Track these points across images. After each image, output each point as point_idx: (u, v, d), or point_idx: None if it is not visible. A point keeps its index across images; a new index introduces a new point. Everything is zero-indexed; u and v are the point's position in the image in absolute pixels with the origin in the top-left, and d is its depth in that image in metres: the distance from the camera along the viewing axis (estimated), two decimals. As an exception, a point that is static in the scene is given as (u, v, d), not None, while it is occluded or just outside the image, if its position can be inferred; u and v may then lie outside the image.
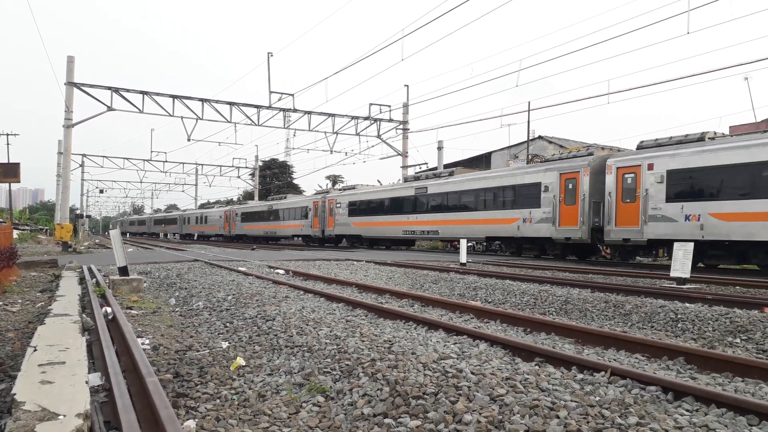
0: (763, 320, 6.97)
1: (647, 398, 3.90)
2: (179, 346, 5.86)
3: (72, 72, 27.15)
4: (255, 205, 46.89)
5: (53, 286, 10.90)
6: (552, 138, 39.86)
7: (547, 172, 19.89)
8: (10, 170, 23.05)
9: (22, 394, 3.31)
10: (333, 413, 3.78)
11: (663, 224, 16.17)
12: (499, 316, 7.75)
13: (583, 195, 18.66)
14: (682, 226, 15.65)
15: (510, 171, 23.12)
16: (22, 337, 6.20)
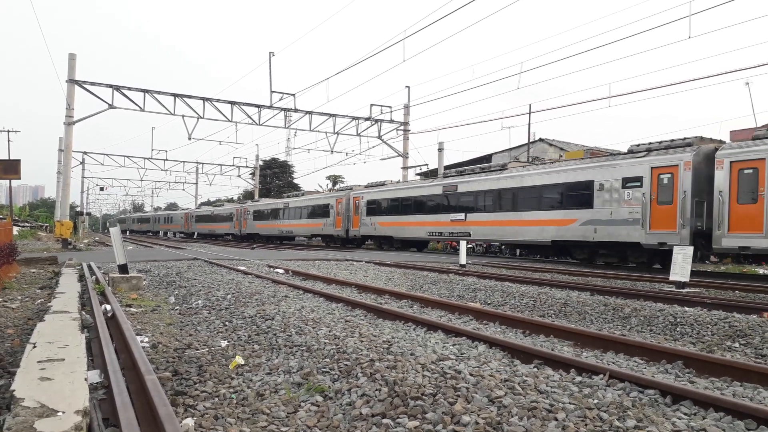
0: (762, 325, 6.98)
1: (645, 401, 3.90)
2: (178, 345, 5.86)
3: (73, 69, 27.16)
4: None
5: (53, 283, 10.90)
6: (553, 140, 39.88)
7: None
8: (10, 167, 23.07)
9: (21, 390, 3.31)
10: (331, 413, 3.79)
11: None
12: (498, 317, 7.75)
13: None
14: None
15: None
16: (22, 333, 6.20)
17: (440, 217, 24.93)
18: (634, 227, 16.90)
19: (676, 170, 15.98)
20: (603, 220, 17.87)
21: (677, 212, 15.84)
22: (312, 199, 37.19)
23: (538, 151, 37.38)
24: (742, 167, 14.56)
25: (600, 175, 18.13)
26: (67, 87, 27.03)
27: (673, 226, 15.97)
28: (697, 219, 15.61)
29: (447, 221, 24.49)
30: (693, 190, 15.58)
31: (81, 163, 55.92)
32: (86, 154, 54.29)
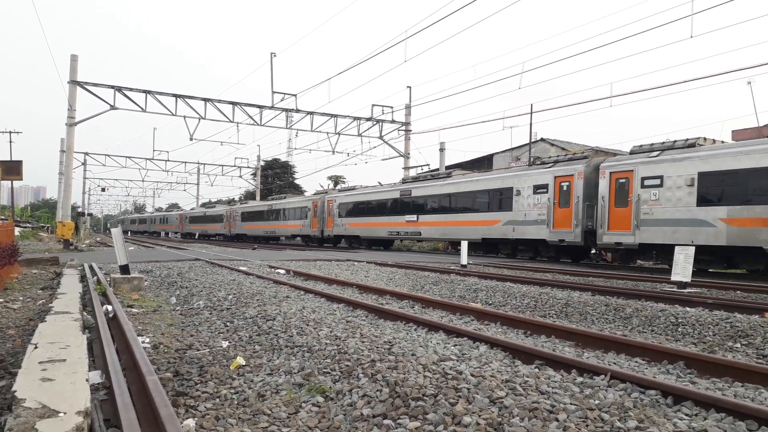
0: (763, 325, 6.97)
1: (647, 402, 3.90)
2: (179, 345, 5.87)
3: (75, 71, 27.21)
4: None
5: (54, 283, 10.91)
6: (554, 140, 39.84)
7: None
8: (12, 168, 23.09)
9: (22, 391, 3.32)
10: (332, 414, 3.79)
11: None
12: (499, 318, 7.75)
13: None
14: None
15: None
16: (23, 334, 6.21)
17: (398, 218, 28.08)
18: (542, 226, 20.05)
19: (572, 179, 19.12)
20: (519, 221, 21.01)
21: (572, 214, 18.95)
22: (292, 202, 40.07)
23: (539, 151, 37.35)
24: (618, 177, 17.59)
25: (518, 182, 21.28)
26: (69, 88, 27.08)
27: (569, 225, 19.01)
28: (587, 220, 18.58)
29: (403, 222, 27.61)
30: (584, 195, 18.67)
31: (83, 164, 55.98)
32: (88, 154, 54.36)
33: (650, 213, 16.64)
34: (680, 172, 16.04)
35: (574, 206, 18.94)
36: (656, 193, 16.56)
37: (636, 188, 17.01)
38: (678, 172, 16.09)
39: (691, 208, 15.69)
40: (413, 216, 26.91)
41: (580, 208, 18.74)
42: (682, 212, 15.90)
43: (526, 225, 20.80)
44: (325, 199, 35.29)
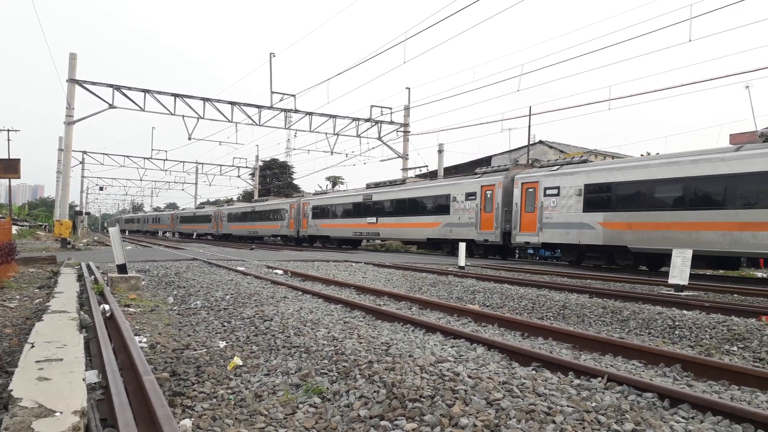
0: (760, 329, 6.98)
1: (643, 405, 3.90)
2: (176, 345, 5.86)
3: (74, 69, 27.16)
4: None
5: (51, 282, 10.90)
6: (552, 143, 39.88)
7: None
8: (10, 166, 23.05)
9: (19, 390, 3.31)
10: (329, 414, 3.79)
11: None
12: (496, 320, 7.75)
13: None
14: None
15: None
16: (20, 333, 6.20)
17: (361, 220, 31.30)
18: (472, 228, 23.43)
19: (494, 188, 22.42)
20: (455, 223, 24.28)
21: (494, 218, 22.30)
22: (272, 204, 43.48)
23: (538, 153, 37.38)
24: (527, 187, 20.85)
25: (454, 190, 24.59)
26: (68, 87, 27.04)
27: (492, 227, 22.39)
28: (506, 223, 21.89)
29: (365, 224, 30.86)
30: (503, 202, 21.95)
31: (81, 163, 55.93)
32: (86, 153, 54.31)
33: (550, 217, 19.74)
34: (572, 184, 19.01)
35: (495, 211, 22.26)
36: (555, 201, 19.64)
37: (540, 197, 20.09)
38: (570, 184, 19.06)
39: (579, 214, 18.77)
40: (373, 218, 30.07)
41: (500, 212, 22.04)
42: (573, 217, 19.02)
43: (460, 227, 23.97)
44: (300, 202, 38.32)
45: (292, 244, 38.56)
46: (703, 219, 15.23)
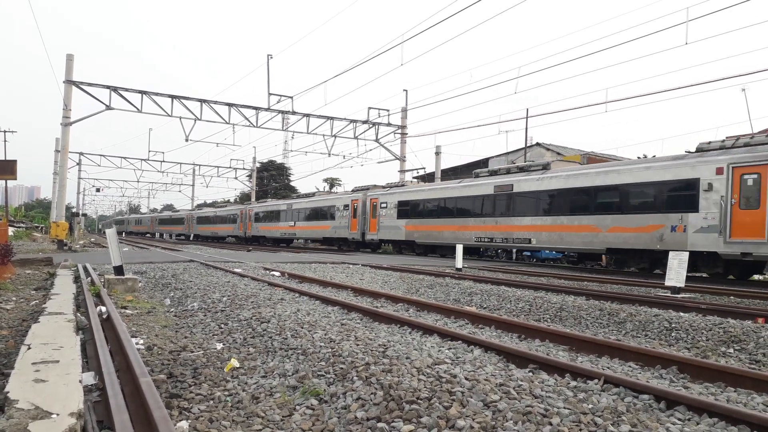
0: (756, 330, 7.00)
1: (640, 407, 3.91)
2: (173, 347, 5.85)
3: (71, 70, 27.09)
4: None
5: (48, 284, 10.87)
6: (549, 145, 39.95)
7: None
8: (6, 167, 22.97)
9: (15, 392, 3.30)
10: (326, 416, 3.79)
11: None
12: (494, 322, 7.76)
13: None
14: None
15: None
16: (16, 335, 6.18)
17: (285, 224, 40.10)
18: (346, 229, 32.48)
19: (358, 202, 31.59)
20: (338, 226, 33.32)
21: (357, 222, 31.44)
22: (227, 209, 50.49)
23: (534, 155, 37.44)
24: (373, 201, 30.43)
25: (338, 203, 33.81)
26: (65, 88, 26.97)
27: (356, 229, 31.54)
28: (363, 226, 31.01)
29: (287, 226, 39.86)
30: (362, 212, 31.13)
31: (77, 164, 55.78)
32: (83, 155, 54.17)
33: (383, 222, 29.36)
34: (392, 201, 28.90)
35: (358, 218, 31.31)
36: (385, 212, 29.29)
37: (378, 208, 29.86)
38: (391, 201, 28.94)
39: (395, 220, 28.48)
40: (292, 222, 38.98)
41: (360, 218, 31.23)
42: (392, 222, 28.65)
43: (341, 229, 33.03)
44: (247, 208, 48.08)
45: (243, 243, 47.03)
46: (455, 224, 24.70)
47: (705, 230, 15.43)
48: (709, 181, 15.33)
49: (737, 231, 14.70)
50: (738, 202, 14.79)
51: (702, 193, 15.47)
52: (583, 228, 18.88)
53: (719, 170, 15.16)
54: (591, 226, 18.56)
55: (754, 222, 14.40)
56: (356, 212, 31.47)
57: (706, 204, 15.36)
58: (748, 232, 14.48)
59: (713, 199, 15.20)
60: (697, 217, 15.59)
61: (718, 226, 15.05)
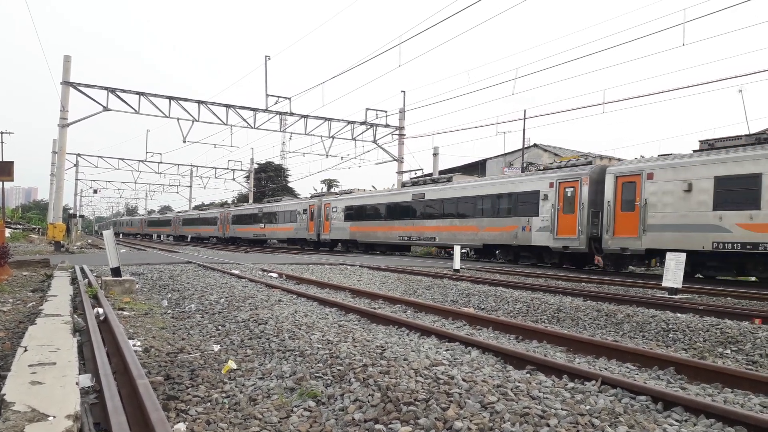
0: (753, 331, 7.02)
1: (637, 408, 3.91)
2: (171, 349, 5.84)
3: (68, 71, 27.04)
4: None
5: (45, 285, 10.84)
6: (547, 146, 40.00)
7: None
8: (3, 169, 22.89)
9: (11, 394, 3.30)
10: (324, 418, 3.78)
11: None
12: (491, 323, 7.76)
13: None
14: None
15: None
16: (13, 337, 6.16)
17: (257, 225, 45.33)
18: (305, 230, 37.10)
19: (314, 206, 36.28)
20: (299, 229, 37.87)
21: (314, 225, 36.06)
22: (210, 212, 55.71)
23: (532, 156, 37.49)
24: (326, 206, 34.88)
25: (298, 207, 38.54)
26: (62, 89, 26.92)
27: (313, 230, 36.08)
28: (318, 227, 35.59)
29: (259, 228, 44.94)
30: (317, 215, 35.80)
31: (75, 166, 55.61)
32: (80, 156, 54.01)
33: (333, 224, 33.86)
34: (341, 206, 33.37)
35: (314, 220, 35.98)
36: (335, 215, 33.72)
37: (330, 212, 34.34)
38: (340, 206, 33.44)
39: (342, 222, 33.03)
40: (262, 225, 44.24)
41: (316, 221, 35.83)
42: (341, 224, 33.11)
43: (301, 230, 37.65)
44: (226, 211, 53.95)
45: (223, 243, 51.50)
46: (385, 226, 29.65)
47: (542, 230, 20.24)
48: (545, 192, 20.22)
49: (560, 230, 19.62)
50: (561, 208, 19.62)
51: (541, 202, 20.33)
52: (468, 228, 24.04)
53: (551, 184, 20.05)
54: (473, 227, 23.73)
55: (570, 223, 19.25)
56: (313, 216, 36.19)
57: (544, 210, 20.20)
58: (566, 231, 19.35)
59: (548, 207, 20.07)
60: (537, 220, 20.43)
61: (549, 227, 19.93)
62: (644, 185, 16.96)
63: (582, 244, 18.74)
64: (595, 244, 18.80)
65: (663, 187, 16.51)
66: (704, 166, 15.63)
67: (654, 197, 16.66)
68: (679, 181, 16.12)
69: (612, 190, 17.87)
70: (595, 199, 18.63)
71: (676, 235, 16.07)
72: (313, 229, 36.11)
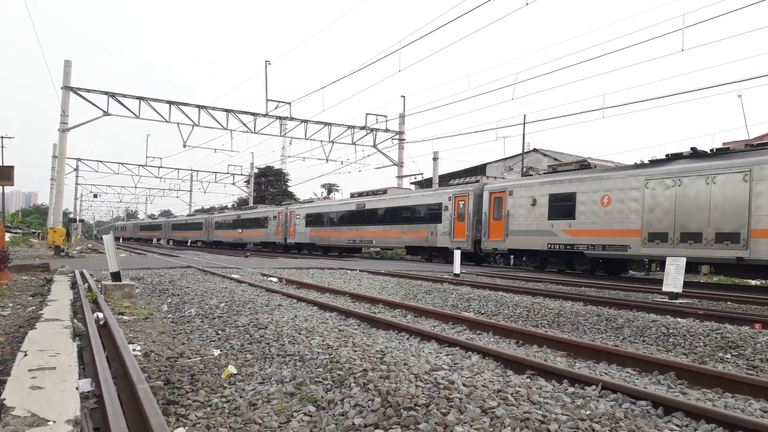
0: (753, 336, 7.01)
1: (638, 413, 3.91)
2: (171, 353, 5.84)
3: (69, 76, 27.09)
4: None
5: (45, 290, 10.84)
6: (547, 151, 40.04)
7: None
8: (3, 173, 22.90)
9: (11, 399, 3.29)
10: (324, 423, 3.78)
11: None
12: (491, 327, 7.75)
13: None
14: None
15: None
16: (13, 341, 6.16)
17: (235, 230, 50.23)
18: (275, 235, 41.61)
19: (282, 213, 40.55)
20: (269, 233, 42.47)
21: (282, 229, 40.26)
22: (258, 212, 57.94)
23: (532, 161, 37.52)
24: (291, 213, 39.27)
25: (269, 213, 43.03)
26: (63, 94, 26.97)
27: (281, 235, 40.37)
28: (285, 232, 39.57)
29: (237, 233, 49.74)
30: (284, 221, 39.82)
31: (75, 170, 55.66)
32: (80, 160, 54.06)
33: (297, 229, 38.14)
34: (302, 213, 37.88)
35: (281, 225, 40.34)
36: (297, 221, 38.20)
37: (294, 219, 38.74)
38: (301, 213, 37.91)
39: (304, 227, 37.36)
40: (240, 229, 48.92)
41: (283, 227, 40.14)
42: (303, 229, 37.54)
43: (271, 235, 42.14)
44: (210, 217, 58.95)
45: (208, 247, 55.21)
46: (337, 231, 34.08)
47: (444, 234, 25.31)
48: (446, 204, 25.24)
49: (455, 234, 24.62)
50: (456, 217, 24.61)
51: (443, 213, 25.36)
52: (395, 233, 29.01)
53: (450, 198, 25.13)
54: (398, 232, 28.72)
55: (462, 229, 24.29)
56: (280, 222, 40.84)
57: (445, 219, 25.29)
58: (459, 235, 24.41)
59: (447, 216, 25.13)
60: (441, 227, 25.50)
61: (448, 232, 25.00)
62: (507, 200, 21.75)
63: (469, 246, 23.59)
64: (477, 246, 23.49)
65: (518, 202, 21.22)
66: (543, 186, 20.36)
67: (513, 209, 21.38)
68: (529, 197, 20.78)
69: (487, 203, 22.68)
70: (478, 210, 23.39)
71: (527, 238, 20.70)
72: (281, 234, 40.74)
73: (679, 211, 15.88)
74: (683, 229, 15.79)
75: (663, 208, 16.27)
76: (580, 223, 18.70)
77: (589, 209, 18.43)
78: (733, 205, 14.72)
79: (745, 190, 14.54)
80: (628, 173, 17.54)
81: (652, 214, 16.55)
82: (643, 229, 16.73)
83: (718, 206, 15.05)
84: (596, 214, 18.20)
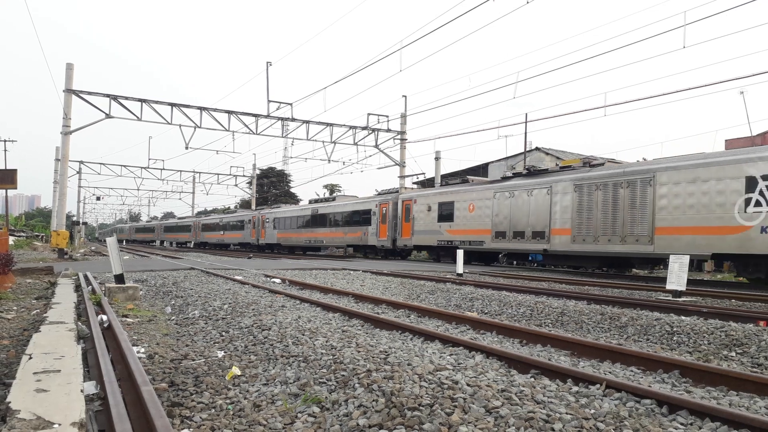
0: (758, 334, 6.99)
1: (642, 411, 3.90)
2: (175, 355, 5.85)
3: (71, 79, 27.14)
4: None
5: (49, 293, 10.86)
6: (549, 149, 39.99)
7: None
8: (6, 176, 23.02)
9: (16, 402, 3.31)
10: (328, 424, 3.78)
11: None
12: (495, 327, 7.75)
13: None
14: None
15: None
16: (17, 344, 6.18)
17: (218, 232, 55.42)
18: (250, 236, 47.14)
19: (256, 217, 46.14)
20: (246, 235, 47.92)
21: (255, 231, 46.22)
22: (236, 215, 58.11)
23: (534, 160, 37.47)
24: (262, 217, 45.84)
25: (245, 218, 48.64)
26: (65, 97, 27.01)
27: (255, 237, 46.37)
28: (258, 234, 45.10)
29: (220, 235, 55.02)
30: (257, 224, 45.70)
31: (78, 173, 55.82)
32: (83, 163, 54.21)
33: (267, 231, 43.01)
34: (271, 216, 42.28)
35: (255, 228, 45.81)
36: (267, 225, 42.86)
37: (265, 222, 43.70)
38: (269, 218, 42.78)
39: (272, 231, 42.52)
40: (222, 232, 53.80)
41: (256, 229, 46.04)
42: (271, 231, 42.27)
43: (248, 237, 47.36)
44: (197, 220, 63.84)
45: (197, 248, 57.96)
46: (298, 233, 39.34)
47: (373, 235, 31.29)
48: (374, 210, 31.18)
49: (380, 235, 30.55)
50: (381, 220, 30.49)
51: (372, 216, 31.35)
52: (339, 234, 35.14)
53: (377, 205, 31.03)
54: (342, 233, 34.85)
55: (384, 230, 30.24)
56: (254, 224, 46.83)
57: (373, 222, 31.23)
58: (383, 235, 30.32)
59: (375, 220, 31.02)
60: (370, 228, 31.52)
61: (376, 233, 30.92)
62: (413, 207, 27.91)
63: (389, 244, 29.99)
64: (395, 244, 29.72)
65: (420, 208, 27.34)
66: (435, 196, 26.44)
67: (417, 214, 27.47)
68: (426, 204, 26.91)
69: (401, 209, 29.14)
70: (396, 214, 29.62)
71: (425, 236, 26.77)
72: (254, 235, 46.50)
73: (513, 215, 21.69)
74: (515, 229, 21.56)
75: (504, 213, 22.18)
76: (457, 225, 24.82)
77: (462, 214, 24.56)
78: (542, 212, 20.35)
79: (547, 201, 20.16)
80: (484, 187, 23.70)
81: (497, 218, 22.49)
82: (492, 229, 22.77)
83: (533, 212, 20.73)
84: (466, 218, 24.32)
